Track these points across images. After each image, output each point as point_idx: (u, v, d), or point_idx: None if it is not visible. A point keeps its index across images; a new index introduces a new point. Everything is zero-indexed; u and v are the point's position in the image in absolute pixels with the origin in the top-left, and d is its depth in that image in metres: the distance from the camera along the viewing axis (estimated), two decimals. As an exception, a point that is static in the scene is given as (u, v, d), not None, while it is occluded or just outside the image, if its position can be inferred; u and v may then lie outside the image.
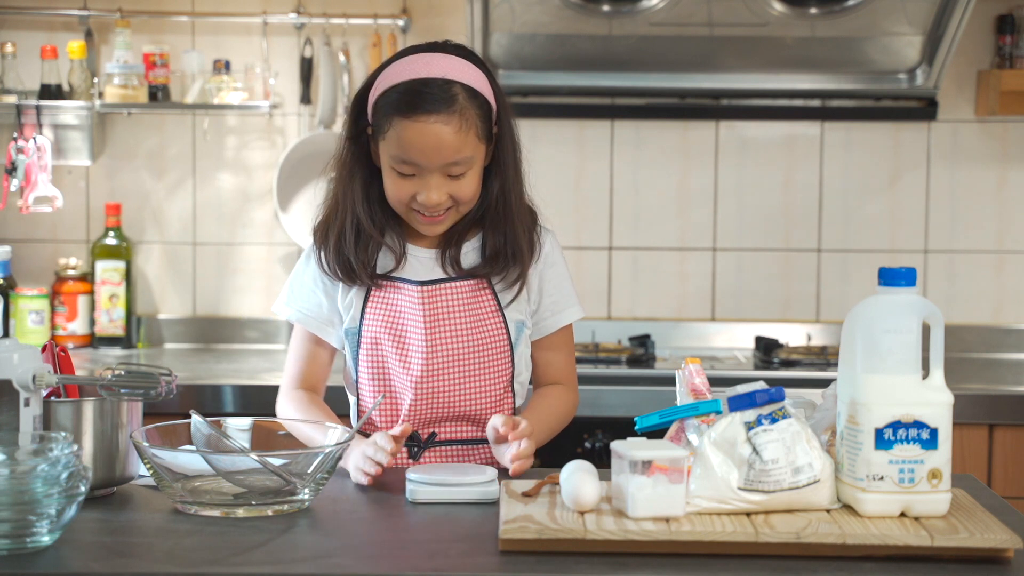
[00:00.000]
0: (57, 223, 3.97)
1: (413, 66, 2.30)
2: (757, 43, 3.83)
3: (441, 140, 2.26)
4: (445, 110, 2.25)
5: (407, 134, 2.26)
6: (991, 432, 3.35)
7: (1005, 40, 3.87)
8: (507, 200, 2.37)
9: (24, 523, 1.80)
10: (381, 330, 2.38)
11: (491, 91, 2.34)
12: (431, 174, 2.28)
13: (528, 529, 1.83)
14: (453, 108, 2.26)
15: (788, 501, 1.90)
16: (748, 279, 4.00)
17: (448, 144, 2.26)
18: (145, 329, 3.97)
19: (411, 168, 2.29)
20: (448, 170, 2.28)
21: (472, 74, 2.31)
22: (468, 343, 2.37)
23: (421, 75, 2.28)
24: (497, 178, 2.37)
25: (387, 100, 2.29)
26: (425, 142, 2.26)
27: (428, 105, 2.25)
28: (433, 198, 2.29)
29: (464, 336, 2.37)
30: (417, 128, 2.26)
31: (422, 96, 2.26)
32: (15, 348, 2.01)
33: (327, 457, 2.05)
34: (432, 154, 2.26)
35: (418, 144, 2.26)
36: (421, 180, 2.29)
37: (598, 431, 3.32)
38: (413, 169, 2.29)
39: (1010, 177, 3.96)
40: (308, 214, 3.90)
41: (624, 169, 3.98)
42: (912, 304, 1.91)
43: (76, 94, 3.84)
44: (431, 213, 2.32)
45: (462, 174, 2.30)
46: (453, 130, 2.26)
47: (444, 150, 2.26)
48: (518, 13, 3.73)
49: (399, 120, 2.27)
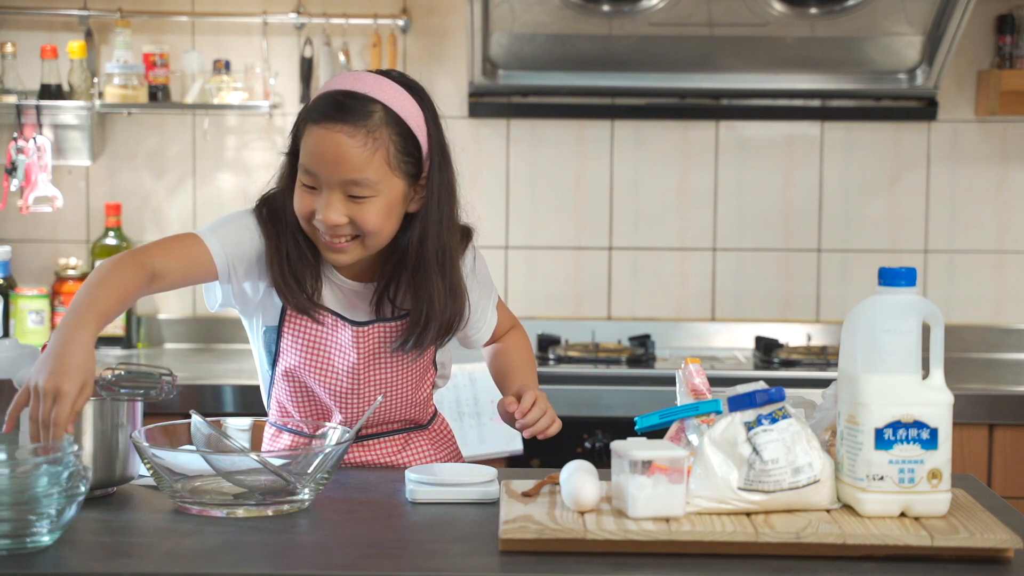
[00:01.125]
0: (57, 223, 3.98)
1: (344, 79, 2.24)
2: (757, 43, 3.83)
3: (341, 151, 2.16)
4: (352, 122, 2.17)
5: (311, 140, 2.19)
6: (991, 432, 3.36)
7: (1005, 40, 3.87)
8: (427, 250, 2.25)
9: (24, 523, 1.80)
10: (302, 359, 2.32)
11: (424, 131, 2.23)
12: (331, 189, 2.19)
13: (528, 529, 1.83)
14: (363, 123, 2.17)
15: (788, 501, 1.90)
16: (748, 279, 4.00)
17: (347, 157, 2.16)
18: (145, 329, 3.97)
19: (312, 179, 2.20)
20: (348, 189, 2.18)
21: (403, 102, 2.22)
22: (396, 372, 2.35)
23: (346, 87, 2.22)
24: (419, 223, 2.25)
25: (309, 108, 2.24)
26: (325, 150, 2.17)
27: (336, 113, 2.17)
28: (331, 217, 2.18)
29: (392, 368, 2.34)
30: (321, 134, 2.18)
31: (334, 104, 2.19)
32: (15, 348, 2.01)
33: (327, 457, 2.05)
34: (330, 164, 2.17)
35: (319, 151, 2.18)
36: (321, 195, 2.20)
37: (598, 431, 3.32)
38: (314, 181, 2.20)
39: (1010, 177, 3.96)
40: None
41: (624, 169, 3.98)
42: (912, 304, 1.91)
43: (76, 94, 3.84)
44: (331, 236, 2.22)
45: (364, 198, 2.19)
46: (356, 144, 2.16)
47: (342, 163, 2.17)
48: (518, 13, 3.73)
49: (309, 126, 2.20)
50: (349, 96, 2.19)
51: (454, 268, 2.30)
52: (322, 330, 2.31)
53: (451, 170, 2.28)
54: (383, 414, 2.37)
